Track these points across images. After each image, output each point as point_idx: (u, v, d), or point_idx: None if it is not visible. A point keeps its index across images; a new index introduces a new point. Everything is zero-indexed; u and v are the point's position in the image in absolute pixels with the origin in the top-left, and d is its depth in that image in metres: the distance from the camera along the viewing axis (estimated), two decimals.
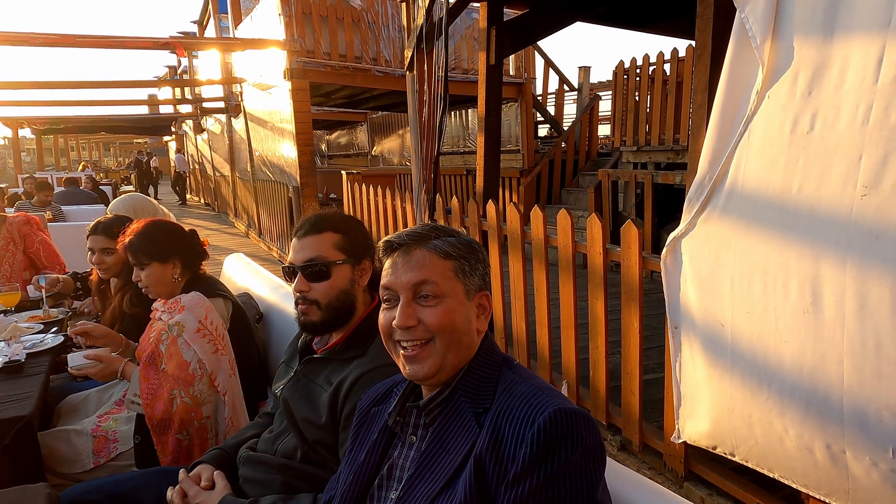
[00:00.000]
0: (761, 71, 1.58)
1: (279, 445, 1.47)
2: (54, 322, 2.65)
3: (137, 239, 1.93)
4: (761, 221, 1.60)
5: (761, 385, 1.62)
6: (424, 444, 1.03)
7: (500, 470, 0.92)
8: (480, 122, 3.91)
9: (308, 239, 1.44)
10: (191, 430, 1.67)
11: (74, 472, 1.84)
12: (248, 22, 8.56)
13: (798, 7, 1.48)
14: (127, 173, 21.27)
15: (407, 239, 1.05)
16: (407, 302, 1.03)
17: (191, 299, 1.77)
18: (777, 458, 1.68)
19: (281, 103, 7.25)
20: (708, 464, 2.39)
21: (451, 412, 1.03)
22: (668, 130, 6.39)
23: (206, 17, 13.59)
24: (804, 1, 1.47)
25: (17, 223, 3.20)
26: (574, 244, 2.82)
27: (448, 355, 1.03)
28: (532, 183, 8.03)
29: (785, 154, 1.52)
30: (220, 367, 1.72)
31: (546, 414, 0.92)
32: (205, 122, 14.03)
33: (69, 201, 8.02)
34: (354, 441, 1.17)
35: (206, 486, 1.40)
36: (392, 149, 13.86)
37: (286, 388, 1.50)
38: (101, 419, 1.93)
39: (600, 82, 10.98)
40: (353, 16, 7.18)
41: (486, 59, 3.80)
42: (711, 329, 1.82)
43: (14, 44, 5.40)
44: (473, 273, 1.07)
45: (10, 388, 1.91)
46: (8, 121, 13.28)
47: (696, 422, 2.09)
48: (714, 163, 1.73)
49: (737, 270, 1.71)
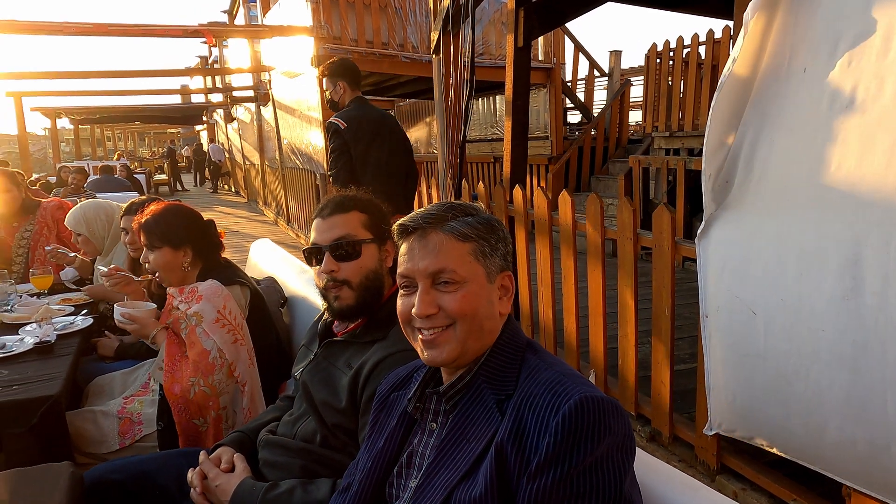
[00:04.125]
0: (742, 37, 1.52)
1: (298, 429, 1.46)
2: (85, 304, 2.69)
3: (153, 220, 1.91)
4: (796, 203, 1.51)
5: (798, 375, 1.54)
6: (445, 432, 1.00)
7: (523, 460, 0.88)
8: (508, 107, 3.83)
9: (335, 218, 1.40)
10: (208, 419, 1.67)
11: (101, 453, 1.86)
12: (275, 9, 8.58)
13: None
14: (160, 162, 21.70)
15: (422, 222, 1.00)
16: (426, 290, 0.98)
17: (208, 288, 1.76)
18: (817, 451, 1.60)
19: (308, 91, 7.25)
20: (741, 457, 2.30)
21: (473, 399, 0.99)
22: (703, 115, 6.19)
23: (236, 7, 13.70)
24: None
25: (51, 208, 3.26)
26: (603, 230, 2.74)
27: (469, 341, 0.99)
28: (560, 170, 7.89)
29: (822, 131, 1.43)
30: (239, 358, 1.70)
31: (572, 402, 0.87)
32: (235, 110, 14.19)
33: (103, 189, 8.20)
34: (374, 427, 1.14)
35: (226, 468, 1.39)
36: (420, 137, 13.80)
37: (306, 372, 1.48)
38: (126, 401, 1.95)
39: (632, 68, 10.73)
40: (379, 1, 7.13)
41: (514, 41, 3.71)
42: (744, 317, 1.74)
43: (49, 33, 5.50)
44: (494, 253, 1.02)
45: (39, 369, 1.94)
46: (47, 111, 13.63)
47: (730, 413, 2.01)
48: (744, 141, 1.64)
49: (770, 256, 1.62)
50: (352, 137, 3.19)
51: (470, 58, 3.12)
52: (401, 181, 3.40)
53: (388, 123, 3.41)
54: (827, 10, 1.43)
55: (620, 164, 7.70)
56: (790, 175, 1.51)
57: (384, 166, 3.26)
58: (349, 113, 3.29)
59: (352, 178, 3.19)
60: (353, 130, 3.19)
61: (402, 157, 3.41)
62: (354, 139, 3.19)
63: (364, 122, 3.24)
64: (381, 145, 3.26)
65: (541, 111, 8.56)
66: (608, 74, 8.90)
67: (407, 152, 3.49)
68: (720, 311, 1.92)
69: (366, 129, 3.22)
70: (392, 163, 3.31)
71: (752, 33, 1.57)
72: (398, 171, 3.37)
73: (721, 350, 1.94)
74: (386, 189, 2.96)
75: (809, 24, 1.42)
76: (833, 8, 1.42)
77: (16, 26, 5.43)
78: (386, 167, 3.27)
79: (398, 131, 3.44)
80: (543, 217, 3.12)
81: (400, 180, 3.39)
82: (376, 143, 3.26)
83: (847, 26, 1.38)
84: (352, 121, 3.22)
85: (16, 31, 5.49)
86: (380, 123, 3.32)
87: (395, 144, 3.35)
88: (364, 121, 3.25)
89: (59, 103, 13.33)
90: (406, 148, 3.49)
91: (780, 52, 1.50)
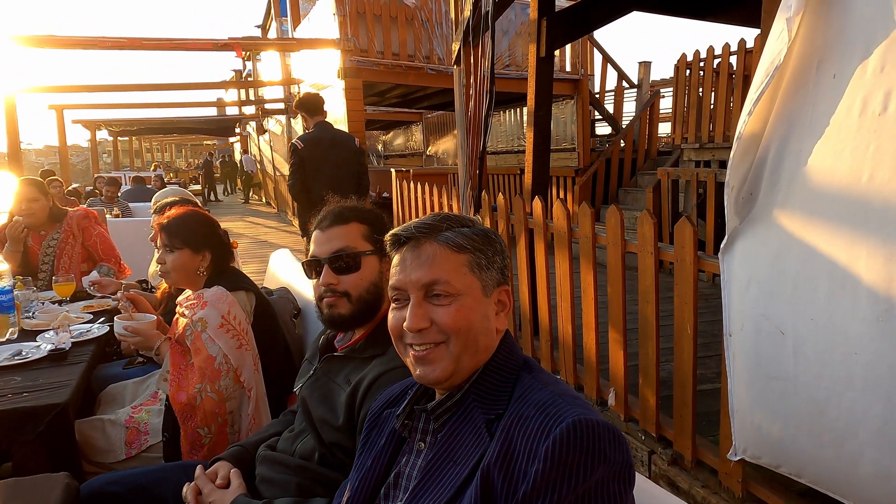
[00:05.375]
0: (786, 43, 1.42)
1: (298, 445, 1.42)
2: (105, 312, 2.72)
3: (176, 222, 1.94)
4: (826, 217, 1.42)
5: (830, 401, 1.44)
6: (431, 452, 0.94)
7: (510, 487, 0.82)
8: (530, 117, 3.78)
9: (334, 230, 1.37)
10: (213, 428, 1.65)
11: (108, 462, 1.85)
12: (305, 23, 8.73)
13: None
14: (195, 174, 22.27)
15: (416, 231, 0.96)
16: (418, 302, 0.94)
17: (213, 294, 1.75)
18: (850, 484, 1.48)
19: (336, 103, 7.33)
20: (769, 485, 2.18)
21: (462, 418, 0.94)
22: (734, 127, 6.03)
23: (269, 22, 14.02)
24: None
25: (77, 217, 3.33)
26: (624, 243, 2.65)
27: (463, 358, 0.94)
28: (588, 182, 7.78)
29: (853, 140, 1.34)
30: (244, 363, 1.69)
31: (564, 424, 0.81)
32: (266, 123, 14.48)
33: (136, 199, 8.41)
34: (364, 445, 1.10)
35: (222, 483, 1.36)
36: (447, 149, 13.84)
37: (305, 387, 1.45)
38: (134, 410, 1.95)
39: (662, 79, 10.57)
40: (406, 14, 7.18)
41: (537, 51, 3.67)
42: (771, 337, 1.64)
43: (87, 47, 5.69)
44: (491, 267, 0.97)
45: (51, 376, 1.94)
46: (87, 123, 14.11)
47: (755, 438, 1.90)
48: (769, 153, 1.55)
49: (799, 273, 1.53)
50: (308, 154, 4.12)
51: (490, 68, 3.09)
52: (351, 188, 4.19)
53: (341, 142, 4.31)
54: (857, 15, 1.34)
55: (649, 176, 7.55)
56: (819, 187, 1.42)
57: (336, 176, 4.08)
58: (308, 135, 4.26)
59: (304, 187, 4.11)
60: (310, 149, 4.12)
61: (353, 168, 4.27)
62: (310, 156, 4.11)
63: (319, 141, 4.16)
64: (333, 161, 4.12)
65: (568, 122, 8.48)
66: (637, 86, 8.78)
67: (359, 164, 4.35)
68: (745, 329, 1.83)
69: (320, 147, 4.14)
70: (342, 173, 4.15)
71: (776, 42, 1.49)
72: (348, 180, 4.18)
73: (746, 371, 1.84)
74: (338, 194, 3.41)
75: (838, 29, 1.34)
76: (864, 13, 1.33)
77: (55, 41, 5.63)
78: (337, 177, 4.09)
79: (350, 149, 4.32)
80: (563, 229, 3.05)
81: (350, 188, 4.17)
82: (329, 158, 4.13)
83: (879, 31, 1.30)
84: (308, 141, 4.17)
85: (55, 45, 5.69)
86: (332, 142, 4.22)
87: (345, 159, 4.21)
88: (319, 141, 4.17)
89: (99, 115, 13.79)
90: (358, 161, 4.35)
91: (806, 58, 1.42)
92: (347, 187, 4.08)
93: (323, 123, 4.33)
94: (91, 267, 3.38)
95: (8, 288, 2.33)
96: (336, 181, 3.97)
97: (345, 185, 4.07)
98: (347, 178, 4.19)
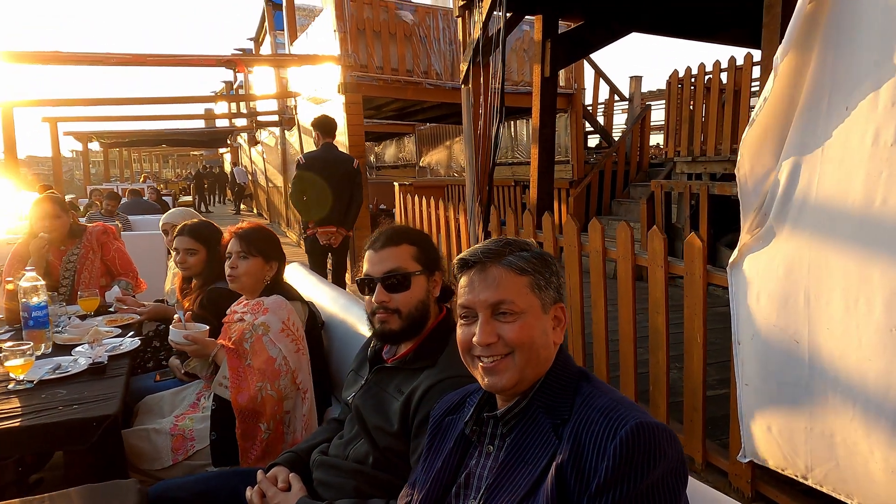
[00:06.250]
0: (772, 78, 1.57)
1: (350, 451, 1.51)
2: (130, 325, 2.80)
3: (253, 232, 2.09)
4: (839, 236, 1.55)
5: (846, 403, 1.57)
6: (502, 454, 1.05)
7: (582, 481, 0.93)
8: (534, 135, 3.92)
9: (386, 251, 1.47)
10: (271, 425, 1.75)
11: (154, 469, 1.93)
12: (303, 38, 8.84)
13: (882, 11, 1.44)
14: (185, 185, 22.21)
15: (482, 256, 1.07)
16: (486, 320, 1.05)
17: (273, 302, 1.87)
18: (859, 482, 1.61)
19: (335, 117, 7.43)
20: (777, 485, 2.30)
21: (529, 423, 1.04)
22: (725, 141, 6.24)
23: (263, 35, 14.09)
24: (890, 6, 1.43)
25: (97, 233, 3.39)
26: (634, 257, 2.79)
27: (527, 369, 1.04)
28: (581, 194, 7.95)
29: (865, 166, 1.48)
30: (301, 366, 1.80)
31: (628, 427, 0.92)
32: (259, 134, 14.51)
33: (133, 211, 8.41)
34: (430, 449, 1.20)
35: (283, 487, 1.45)
36: (440, 160, 13.98)
37: (358, 396, 1.54)
38: (178, 419, 2.03)
39: (650, 91, 10.83)
40: (404, 30, 7.33)
41: (541, 71, 3.82)
42: (784, 345, 1.77)
43: (91, 63, 5.75)
44: (548, 286, 1.08)
45: (95, 389, 2.02)
46: (79, 135, 14.07)
47: (764, 441, 2.02)
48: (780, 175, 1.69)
49: (812, 286, 1.66)
50: (307, 169, 4.77)
51: (500, 86, 3.23)
52: (345, 202, 4.86)
53: (340, 162, 4.92)
54: (867, 52, 1.48)
55: (642, 187, 7.74)
56: (832, 208, 1.56)
57: (331, 191, 4.76)
58: (313, 153, 4.92)
59: (300, 198, 4.80)
60: (309, 166, 4.77)
61: (347, 185, 4.87)
62: (309, 170, 4.76)
63: (320, 160, 4.81)
64: (328, 177, 4.74)
65: (561, 135, 8.65)
66: (629, 99, 9.00)
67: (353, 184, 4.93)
68: (755, 338, 1.96)
69: (320, 165, 4.77)
70: (338, 190, 4.79)
71: (782, 74, 1.63)
72: (343, 196, 4.84)
73: (756, 378, 1.97)
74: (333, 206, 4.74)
75: (848, 63, 1.48)
76: (874, 49, 1.47)
77: (60, 57, 5.69)
78: (332, 192, 4.76)
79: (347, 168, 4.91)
80: (573, 244, 3.17)
81: (344, 202, 4.85)
82: (325, 175, 4.74)
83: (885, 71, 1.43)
84: (311, 159, 4.83)
85: (60, 61, 5.74)
86: (332, 162, 4.85)
87: (341, 177, 4.82)
88: (320, 159, 4.82)
89: (90, 127, 13.76)
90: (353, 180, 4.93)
91: (817, 89, 1.56)
92: (341, 201, 4.83)
93: (329, 145, 4.96)
94: (109, 281, 3.44)
95: (43, 303, 2.41)
96: (328, 195, 4.78)
97: (338, 199, 4.80)
98: (342, 193, 4.85)
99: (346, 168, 4.95)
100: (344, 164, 4.96)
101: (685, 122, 6.72)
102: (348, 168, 4.96)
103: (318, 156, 4.88)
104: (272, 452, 1.77)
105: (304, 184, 4.79)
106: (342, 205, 4.85)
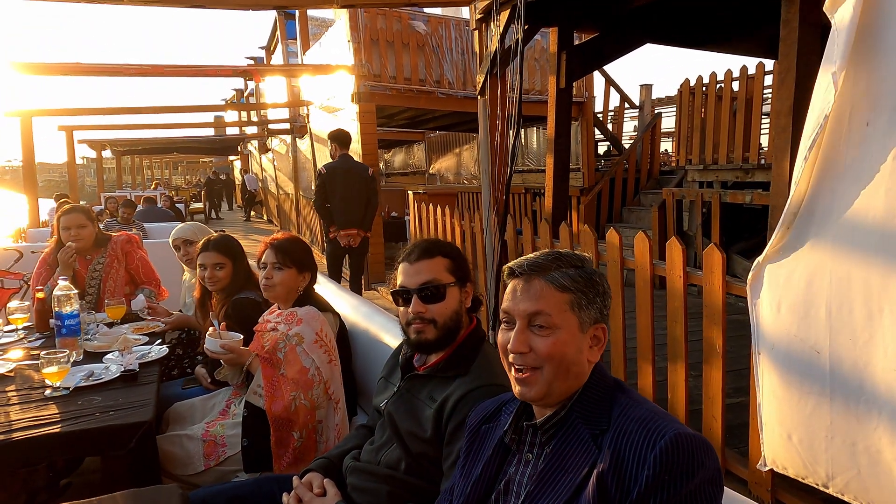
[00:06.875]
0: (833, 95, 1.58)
1: (382, 456, 1.56)
2: (156, 333, 2.86)
3: (288, 243, 2.13)
4: (862, 248, 1.59)
5: (870, 413, 1.60)
6: (542, 463, 1.09)
7: (623, 489, 0.97)
8: (550, 145, 3.97)
9: (422, 263, 1.52)
10: (304, 433, 1.80)
11: (186, 474, 1.98)
12: (316, 48, 8.94)
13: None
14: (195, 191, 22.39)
15: (528, 268, 1.11)
16: (521, 329, 1.09)
17: (307, 313, 1.91)
18: (882, 490, 1.64)
19: (347, 125, 7.52)
20: (797, 493, 2.33)
21: (568, 432, 1.08)
22: (738, 149, 6.26)
23: (274, 43, 14.25)
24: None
25: (121, 242, 3.46)
26: (652, 266, 2.82)
27: (555, 383, 1.08)
28: (592, 201, 7.98)
29: (886, 182, 1.51)
30: (333, 377, 1.85)
31: (667, 437, 0.96)
32: (270, 142, 14.64)
33: (148, 219, 8.51)
34: (467, 456, 1.24)
35: (319, 492, 1.49)
36: (449, 167, 14.05)
37: (390, 403, 1.59)
38: (209, 425, 2.08)
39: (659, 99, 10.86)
40: (417, 40, 7.41)
41: (557, 82, 3.87)
42: (805, 355, 1.81)
43: (111, 74, 5.86)
44: (591, 306, 1.10)
45: (129, 396, 2.07)
46: (93, 143, 14.26)
47: (784, 449, 2.05)
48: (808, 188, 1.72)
49: (833, 297, 1.69)
50: (328, 179, 5.30)
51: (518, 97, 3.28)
52: (361, 207, 5.37)
53: (356, 172, 5.42)
54: (888, 71, 1.52)
55: (652, 195, 7.76)
56: (854, 222, 1.59)
57: (349, 197, 5.30)
58: (332, 163, 5.43)
59: (322, 204, 5.33)
60: (329, 175, 5.31)
61: (363, 192, 5.37)
62: (330, 180, 5.30)
63: (338, 170, 5.33)
64: (347, 184, 5.29)
65: (572, 143, 8.69)
66: (639, 107, 9.04)
67: (369, 189, 5.42)
68: (776, 348, 1.99)
69: (338, 174, 5.31)
70: (355, 196, 5.31)
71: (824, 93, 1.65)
72: (360, 201, 5.35)
73: (778, 387, 1.99)
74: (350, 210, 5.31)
75: (868, 81, 1.52)
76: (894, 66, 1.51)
77: (81, 69, 5.80)
78: (350, 198, 5.31)
79: (363, 177, 5.43)
80: (590, 254, 3.21)
81: (361, 207, 5.37)
82: (344, 183, 5.28)
83: None
84: (331, 169, 5.34)
85: (80, 73, 5.85)
86: (349, 171, 5.37)
87: (358, 185, 5.34)
88: (339, 169, 5.34)
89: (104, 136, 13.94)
90: (369, 187, 5.43)
91: (840, 108, 1.60)
92: (357, 207, 5.36)
93: (346, 156, 5.48)
94: (133, 290, 3.50)
95: (76, 312, 2.47)
96: (348, 201, 5.31)
97: (355, 205, 5.34)
98: (359, 199, 5.36)
99: (363, 176, 5.46)
100: (360, 172, 5.47)
101: (696, 131, 6.75)
102: (364, 176, 5.47)
103: (336, 166, 5.39)
104: (304, 460, 1.81)
105: (326, 192, 5.33)
106: (360, 209, 5.38)
